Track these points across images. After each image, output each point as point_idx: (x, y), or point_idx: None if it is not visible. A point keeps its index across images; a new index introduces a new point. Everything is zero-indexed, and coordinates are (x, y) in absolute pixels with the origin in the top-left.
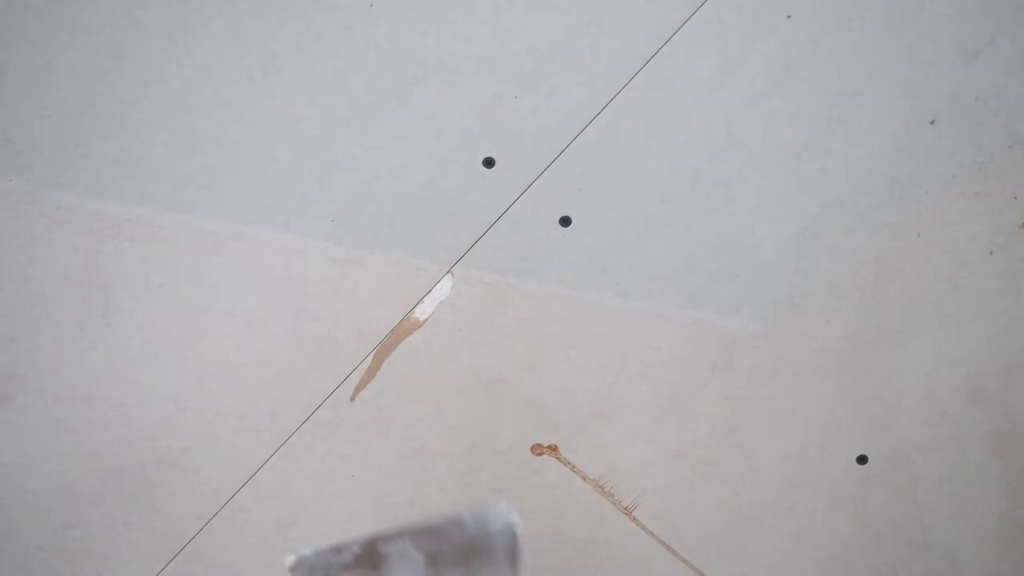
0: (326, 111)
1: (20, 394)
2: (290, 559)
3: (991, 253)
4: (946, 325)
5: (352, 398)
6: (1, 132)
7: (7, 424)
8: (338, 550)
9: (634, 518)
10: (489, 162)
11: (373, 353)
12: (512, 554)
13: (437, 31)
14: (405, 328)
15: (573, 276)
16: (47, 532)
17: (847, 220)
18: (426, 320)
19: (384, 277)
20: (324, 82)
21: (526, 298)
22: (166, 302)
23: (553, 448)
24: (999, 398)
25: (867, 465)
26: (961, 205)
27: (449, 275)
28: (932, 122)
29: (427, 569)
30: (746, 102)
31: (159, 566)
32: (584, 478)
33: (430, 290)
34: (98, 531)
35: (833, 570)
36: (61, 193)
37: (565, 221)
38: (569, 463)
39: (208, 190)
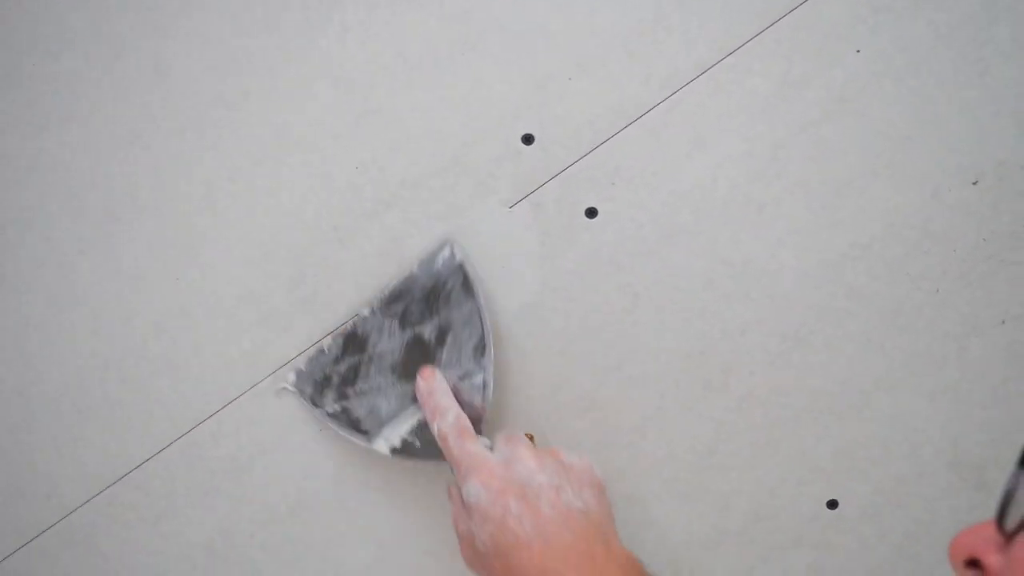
0: (375, 56)
1: None
2: (290, 376)
3: (1003, 322)
4: (945, 387)
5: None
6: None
7: None
8: (322, 350)
9: None
10: (528, 139)
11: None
12: (467, 286)
13: (499, 3)
14: None
15: (587, 269)
16: None
17: (871, 263)
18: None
19: (396, 236)
20: (379, 27)
21: (535, 283)
22: (168, 220)
23: (529, 438)
24: (979, 469)
25: (836, 511)
26: (985, 269)
27: (459, 245)
28: (975, 183)
29: (403, 330)
30: (797, 128)
31: (100, 488)
32: None
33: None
34: (45, 442)
35: None
36: (85, 88)
37: (591, 212)
38: None
39: (237, 111)
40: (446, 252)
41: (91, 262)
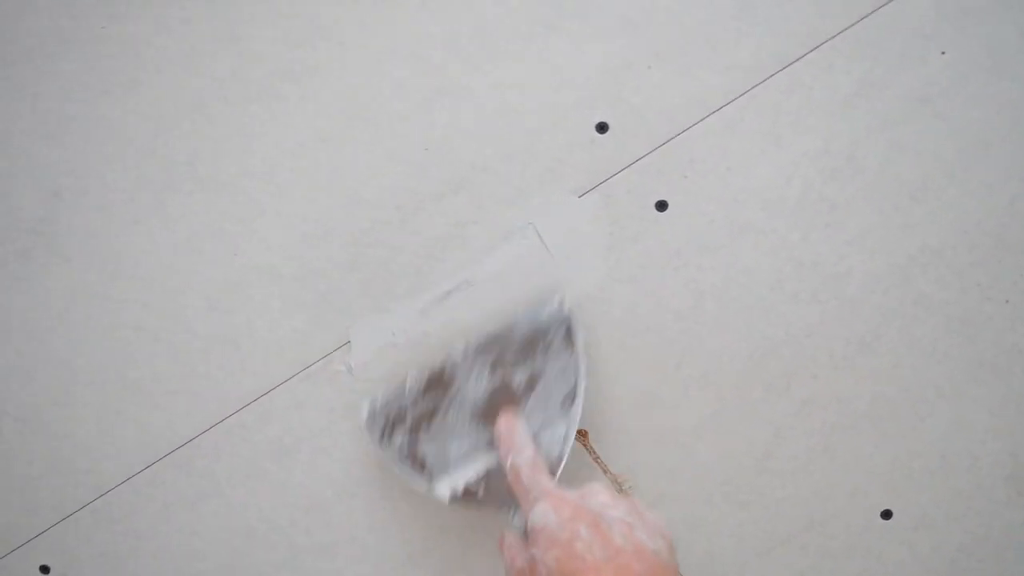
0: (452, 34)
1: (45, 253)
2: (362, 413)
3: None
4: (1008, 400)
5: (395, 334)
6: None
7: (22, 281)
8: (404, 386)
9: None
10: (602, 127)
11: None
12: (569, 338)
13: None
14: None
15: (654, 262)
16: (33, 403)
17: (941, 270)
18: (490, 273)
19: (461, 220)
20: (458, 3)
21: (600, 274)
22: (227, 193)
23: (583, 433)
24: None
25: (891, 520)
26: None
27: (532, 228)
28: None
29: (492, 375)
30: (876, 127)
31: (141, 466)
32: (605, 471)
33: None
34: (87, 415)
35: None
36: (152, 54)
37: (661, 205)
38: (595, 452)
39: (305, 87)
40: (554, 304)
41: (146, 232)
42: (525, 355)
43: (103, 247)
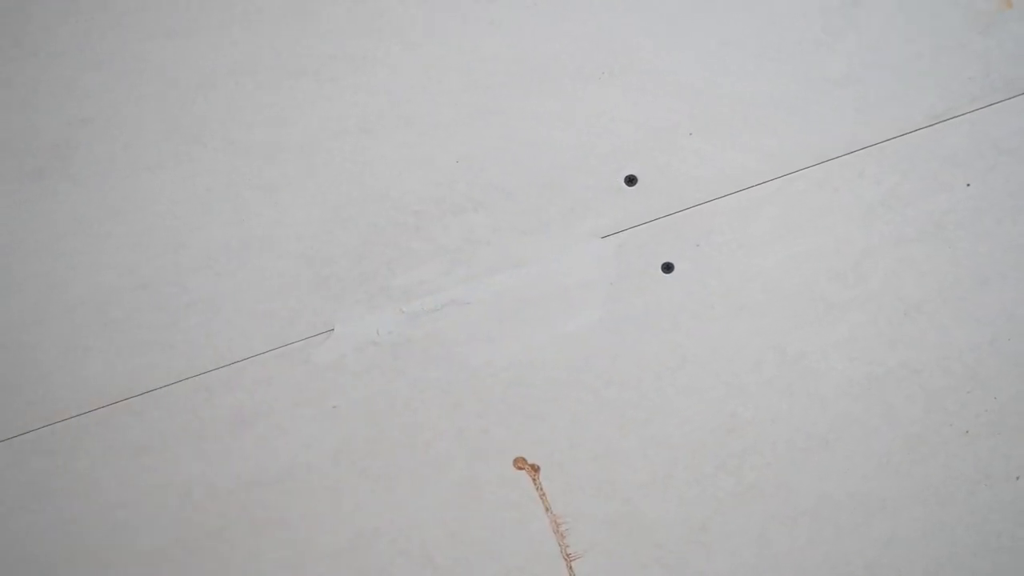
0: (514, 58)
1: (58, 176)
2: None
3: (1017, 479)
4: (944, 525)
5: (379, 332)
6: None
7: (28, 198)
8: None
9: (571, 567)
10: (632, 180)
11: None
12: None
13: (654, 42)
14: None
15: (647, 322)
16: (6, 320)
17: (914, 389)
18: (486, 298)
19: (474, 239)
20: (527, 31)
21: (592, 317)
22: (255, 159)
23: (535, 468)
24: None
25: None
26: (1016, 424)
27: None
28: None
29: None
30: (889, 241)
31: (94, 405)
32: (547, 509)
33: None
34: (55, 343)
35: None
36: (218, 8)
37: (668, 267)
38: (542, 489)
39: (360, 73)
40: None
41: (163, 179)
42: None
43: (117, 184)
